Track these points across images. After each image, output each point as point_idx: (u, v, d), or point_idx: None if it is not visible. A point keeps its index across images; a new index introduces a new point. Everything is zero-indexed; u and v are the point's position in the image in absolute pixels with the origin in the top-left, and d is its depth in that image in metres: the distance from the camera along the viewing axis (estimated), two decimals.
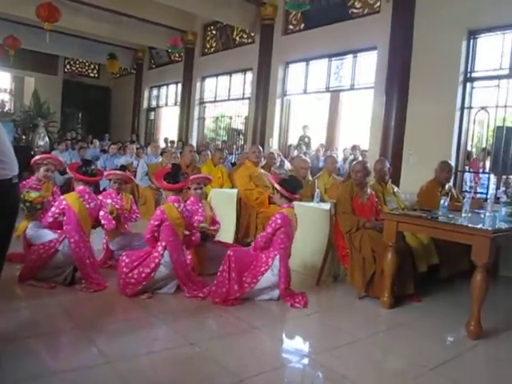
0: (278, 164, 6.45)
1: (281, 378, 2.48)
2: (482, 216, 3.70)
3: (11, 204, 2.23)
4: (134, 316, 3.15)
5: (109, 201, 4.31)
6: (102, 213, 3.85)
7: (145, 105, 13.95)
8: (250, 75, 9.72)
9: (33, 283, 3.47)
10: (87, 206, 3.65)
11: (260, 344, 2.91)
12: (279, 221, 3.60)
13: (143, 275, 3.43)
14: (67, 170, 3.80)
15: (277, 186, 3.71)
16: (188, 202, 4.34)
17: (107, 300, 3.41)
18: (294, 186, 3.74)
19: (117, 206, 4.39)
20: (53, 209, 3.63)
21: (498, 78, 5.67)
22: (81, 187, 3.70)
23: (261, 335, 3.01)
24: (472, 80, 5.92)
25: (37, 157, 4.31)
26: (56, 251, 3.51)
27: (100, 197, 4.38)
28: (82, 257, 3.54)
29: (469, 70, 5.92)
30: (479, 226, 3.17)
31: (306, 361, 2.72)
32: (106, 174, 4.63)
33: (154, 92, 13.86)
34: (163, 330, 2.99)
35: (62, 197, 3.71)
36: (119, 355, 2.52)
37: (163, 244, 3.48)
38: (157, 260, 3.44)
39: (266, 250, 3.65)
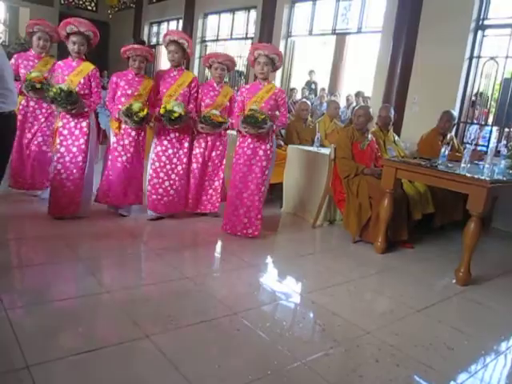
0: None
1: (273, 312, 2.57)
2: (481, 167, 3.71)
3: (11, 132, 2.54)
4: (131, 250, 3.22)
5: None
6: None
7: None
8: (253, 14, 9.34)
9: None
10: None
11: (254, 281, 2.99)
12: None
13: None
14: None
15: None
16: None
17: (106, 234, 3.46)
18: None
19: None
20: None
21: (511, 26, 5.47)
22: None
23: (256, 273, 3.09)
24: (484, 28, 5.70)
25: None
26: None
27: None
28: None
29: (481, 16, 5.69)
30: (477, 176, 3.17)
31: (298, 298, 2.82)
32: (122, 49, 3.94)
33: (154, 28, 13.36)
34: (160, 264, 3.05)
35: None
36: (118, 286, 2.59)
37: None
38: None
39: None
